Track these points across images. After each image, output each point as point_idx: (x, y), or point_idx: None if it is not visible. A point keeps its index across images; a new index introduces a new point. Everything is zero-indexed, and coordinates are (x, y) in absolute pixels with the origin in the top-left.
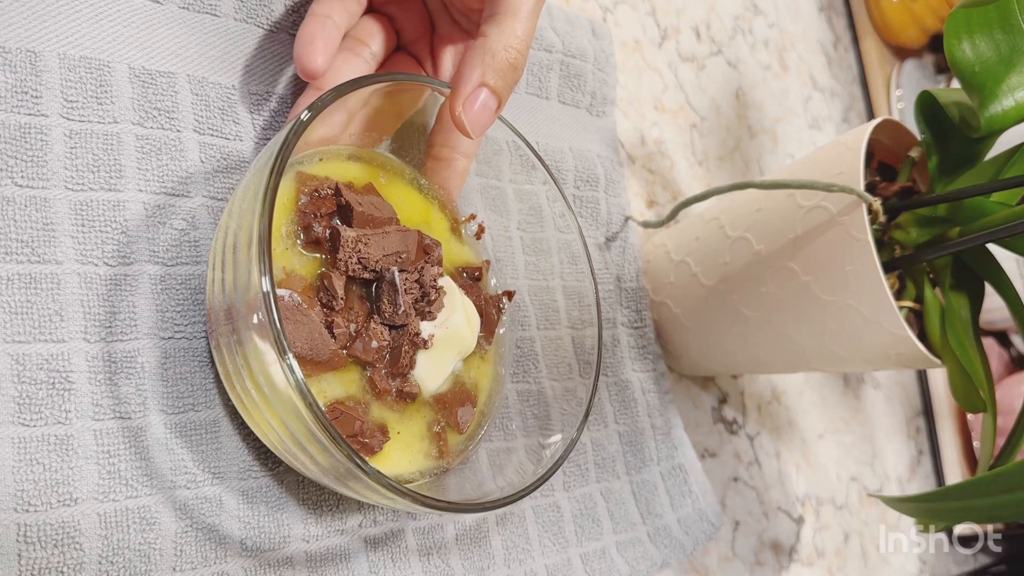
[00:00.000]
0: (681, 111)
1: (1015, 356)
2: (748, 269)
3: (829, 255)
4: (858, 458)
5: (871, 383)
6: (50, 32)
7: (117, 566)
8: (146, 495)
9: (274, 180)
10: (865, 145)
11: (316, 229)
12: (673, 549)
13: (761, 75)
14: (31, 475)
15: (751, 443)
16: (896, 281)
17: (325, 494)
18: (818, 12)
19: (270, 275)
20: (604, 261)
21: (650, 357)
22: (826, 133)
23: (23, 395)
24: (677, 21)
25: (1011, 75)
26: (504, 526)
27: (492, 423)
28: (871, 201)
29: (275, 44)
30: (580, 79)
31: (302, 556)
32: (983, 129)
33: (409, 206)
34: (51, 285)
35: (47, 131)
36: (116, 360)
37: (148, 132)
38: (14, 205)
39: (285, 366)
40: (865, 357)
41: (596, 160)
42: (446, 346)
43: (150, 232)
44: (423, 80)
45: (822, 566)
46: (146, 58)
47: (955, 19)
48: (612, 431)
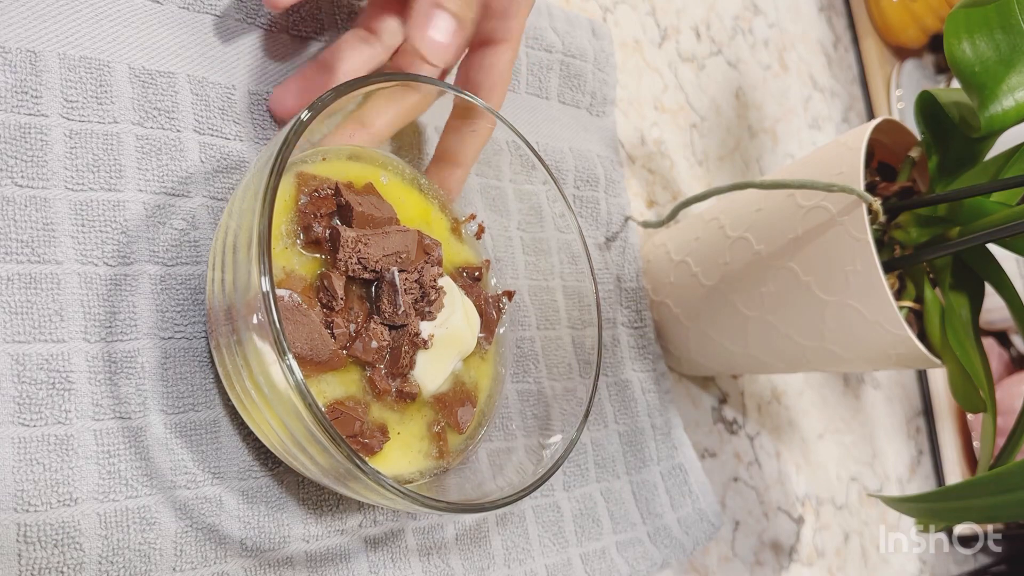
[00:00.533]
0: (681, 111)
1: (1015, 356)
2: (748, 269)
3: (829, 255)
4: (858, 458)
5: (871, 383)
6: (50, 32)
7: (117, 566)
8: (146, 495)
9: (274, 180)
10: (865, 145)
11: (316, 229)
12: (673, 549)
13: (761, 75)
14: (31, 475)
15: (751, 443)
16: (896, 281)
17: (325, 494)
18: (818, 12)
19: (270, 275)
20: (604, 261)
21: (650, 357)
22: (826, 133)
23: (23, 395)
24: (677, 21)
25: (1011, 75)
26: (504, 526)
27: (492, 423)
28: (871, 201)
29: (275, 44)
30: (580, 79)
31: (302, 556)
32: (983, 129)
33: (409, 206)
34: (51, 285)
35: (47, 131)
36: (116, 360)
37: (148, 132)
38: (14, 205)
39: (285, 366)
40: (865, 357)
41: (596, 160)
42: (446, 346)
43: (150, 232)
44: (424, 80)
45: (822, 566)
46: (146, 58)
47: (955, 19)
48: (612, 431)
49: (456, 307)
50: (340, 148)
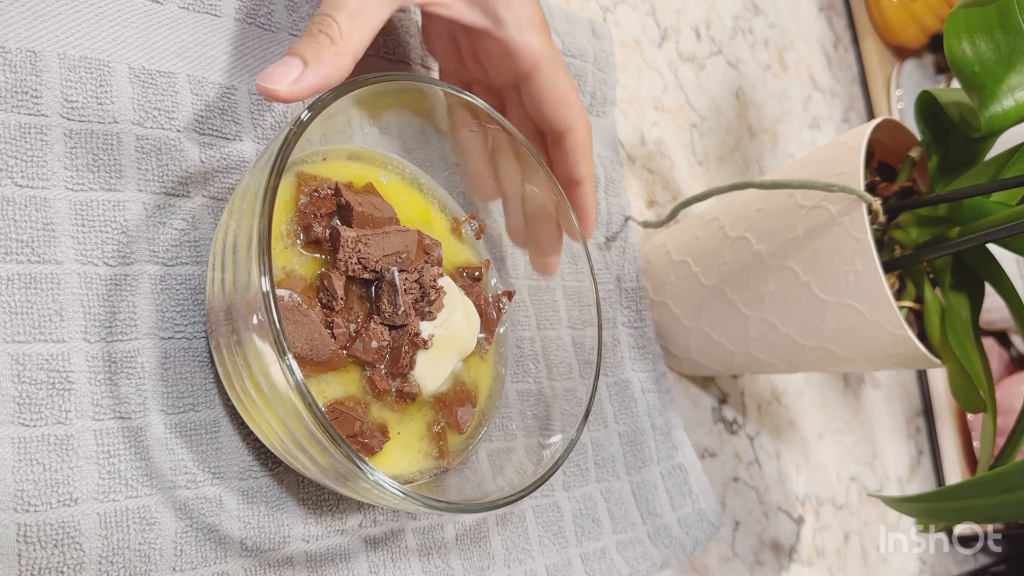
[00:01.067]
0: (681, 111)
1: (1015, 356)
2: (748, 269)
3: (829, 255)
4: (858, 458)
5: (871, 383)
6: (50, 32)
7: (117, 566)
8: (146, 495)
9: (274, 180)
10: (865, 145)
11: (316, 229)
12: (673, 549)
13: (761, 75)
14: (31, 475)
15: (751, 443)
16: (896, 281)
17: (325, 494)
18: (818, 12)
19: (270, 275)
20: (604, 261)
21: (650, 357)
22: (826, 133)
23: (23, 395)
24: (677, 21)
25: (1011, 75)
26: (504, 526)
27: (492, 423)
28: (871, 201)
29: (275, 44)
30: (580, 79)
31: (302, 556)
32: (983, 129)
33: (409, 206)
34: (51, 285)
35: (47, 131)
36: (116, 360)
37: (148, 132)
38: (14, 205)
39: (285, 366)
40: (865, 357)
41: (596, 160)
42: (446, 346)
43: (150, 232)
44: (425, 81)
45: (822, 566)
46: (146, 58)
47: (955, 19)
48: (612, 431)
49: (456, 307)
50: (340, 148)
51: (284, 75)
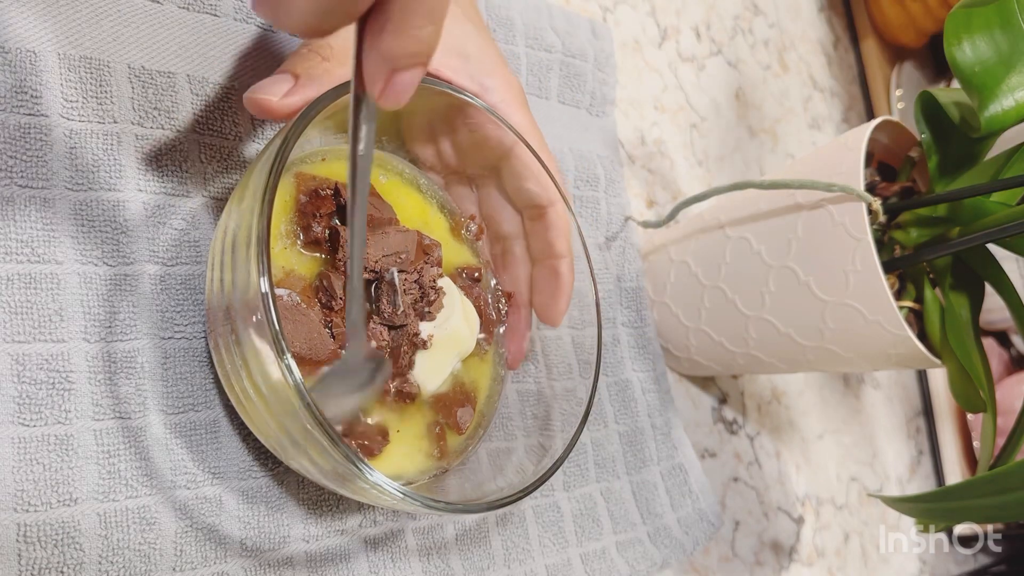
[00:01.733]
0: (681, 111)
1: (1015, 356)
2: (748, 269)
3: (829, 255)
4: (858, 458)
5: (871, 383)
6: (50, 32)
7: (117, 566)
8: (146, 495)
9: (273, 180)
10: (865, 145)
11: (316, 229)
12: (673, 549)
13: (761, 75)
14: (31, 475)
15: (751, 443)
16: (896, 281)
17: (325, 494)
18: (818, 12)
19: (269, 275)
20: (604, 261)
21: (650, 357)
22: (826, 133)
23: (23, 395)
24: (677, 21)
25: (1011, 75)
26: (504, 526)
27: (492, 423)
28: (871, 201)
29: (275, 44)
30: (580, 79)
31: (302, 556)
32: (983, 129)
33: (409, 206)
34: (51, 285)
35: (47, 131)
36: (116, 360)
37: (148, 132)
38: (14, 205)
39: (283, 366)
40: (865, 357)
41: (596, 160)
42: (445, 347)
43: (150, 232)
44: (425, 81)
45: (822, 566)
46: (146, 58)
47: (955, 19)
48: (612, 431)
49: (455, 308)
50: (340, 148)
51: (277, 89)
